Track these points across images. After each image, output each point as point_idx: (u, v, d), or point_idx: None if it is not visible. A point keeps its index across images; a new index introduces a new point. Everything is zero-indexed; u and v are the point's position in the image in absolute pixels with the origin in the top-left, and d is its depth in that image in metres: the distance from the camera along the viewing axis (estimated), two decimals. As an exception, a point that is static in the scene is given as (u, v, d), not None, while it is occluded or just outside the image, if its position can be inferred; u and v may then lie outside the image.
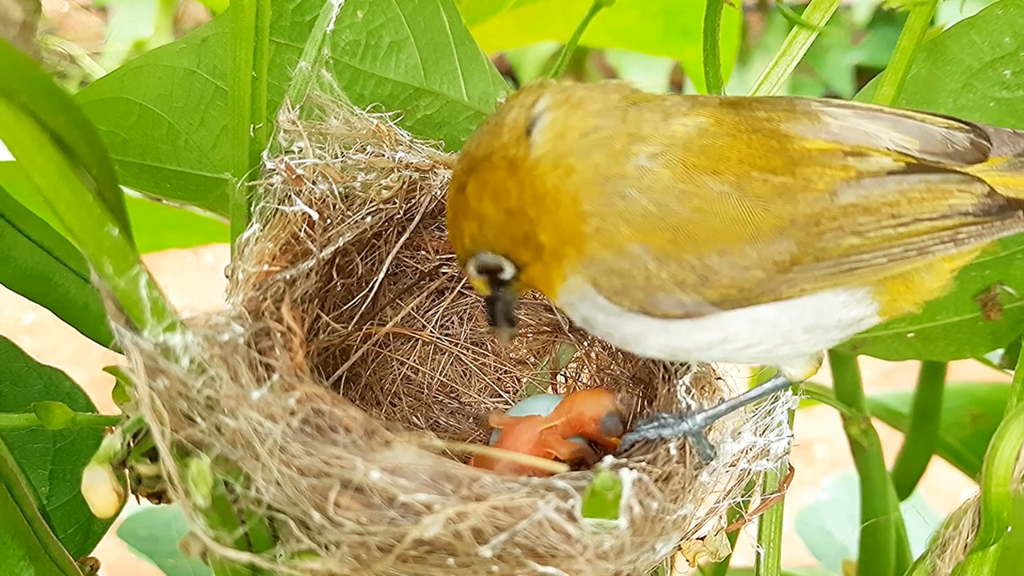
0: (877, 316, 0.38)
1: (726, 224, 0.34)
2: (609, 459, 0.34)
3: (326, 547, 0.33)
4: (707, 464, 0.39)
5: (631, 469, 0.35)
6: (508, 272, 0.38)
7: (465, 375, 0.54)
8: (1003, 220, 0.35)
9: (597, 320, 0.38)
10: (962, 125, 0.38)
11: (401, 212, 0.47)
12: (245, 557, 0.33)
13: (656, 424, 0.39)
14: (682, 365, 0.43)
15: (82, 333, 0.50)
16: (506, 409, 0.53)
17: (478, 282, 0.40)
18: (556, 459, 0.43)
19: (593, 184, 0.35)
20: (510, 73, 2.23)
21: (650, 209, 0.34)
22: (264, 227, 0.41)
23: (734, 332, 0.36)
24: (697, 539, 0.41)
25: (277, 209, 0.41)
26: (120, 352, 0.34)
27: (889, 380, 1.34)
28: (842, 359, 0.66)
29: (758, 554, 0.44)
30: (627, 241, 0.35)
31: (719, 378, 0.43)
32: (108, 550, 0.54)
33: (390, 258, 0.49)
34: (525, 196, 0.36)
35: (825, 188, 0.35)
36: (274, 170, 0.42)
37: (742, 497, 0.42)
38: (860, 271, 0.35)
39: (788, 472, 0.44)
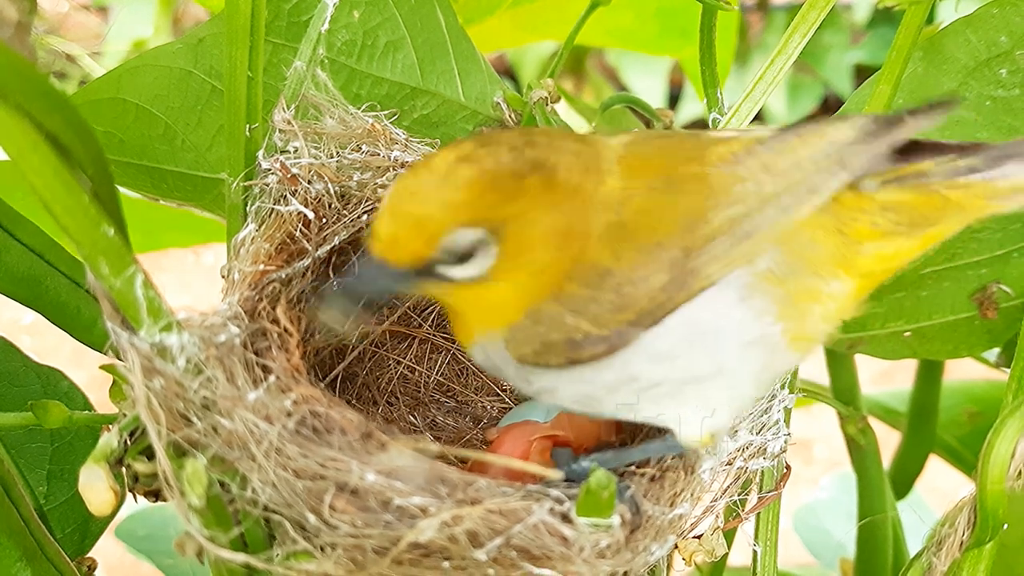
0: (779, 331, 0.36)
1: (656, 220, 0.34)
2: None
3: (322, 549, 0.33)
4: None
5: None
6: (472, 269, 0.33)
7: (462, 374, 0.54)
8: (890, 133, 0.35)
9: (508, 371, 0.37)
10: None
11: (397, 211, 0.47)
12: (240, 557, 0.33)
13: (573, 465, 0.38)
14: None
15: (74, 337, 0.50)
16: (504, 409, 0.53)
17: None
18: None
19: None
20: (509, 73, 2.23)
21: (610, 220, 0.34)
22: (260, 227, 0.41)
23: (646, 354, 0.35)
24: (694, 538, 0.41)
25: (273, 209, 0.41)
26: (116, 354, 0.34)
27: (886, 379, 1.34)
28: (839, 358, 0.66)
29: (755, 553, 0.44)
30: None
31: None
32: (107, 550, 0.54)
33: (387, 258, 0.49)
34: (569, 215, 0.34)
35: (709, 171, 0.35)
36: (269, 170, 0.42)
37: (739, 496, 0.42)
38: (759, 233, 0.34)
39: (785, 471, 0.44)
